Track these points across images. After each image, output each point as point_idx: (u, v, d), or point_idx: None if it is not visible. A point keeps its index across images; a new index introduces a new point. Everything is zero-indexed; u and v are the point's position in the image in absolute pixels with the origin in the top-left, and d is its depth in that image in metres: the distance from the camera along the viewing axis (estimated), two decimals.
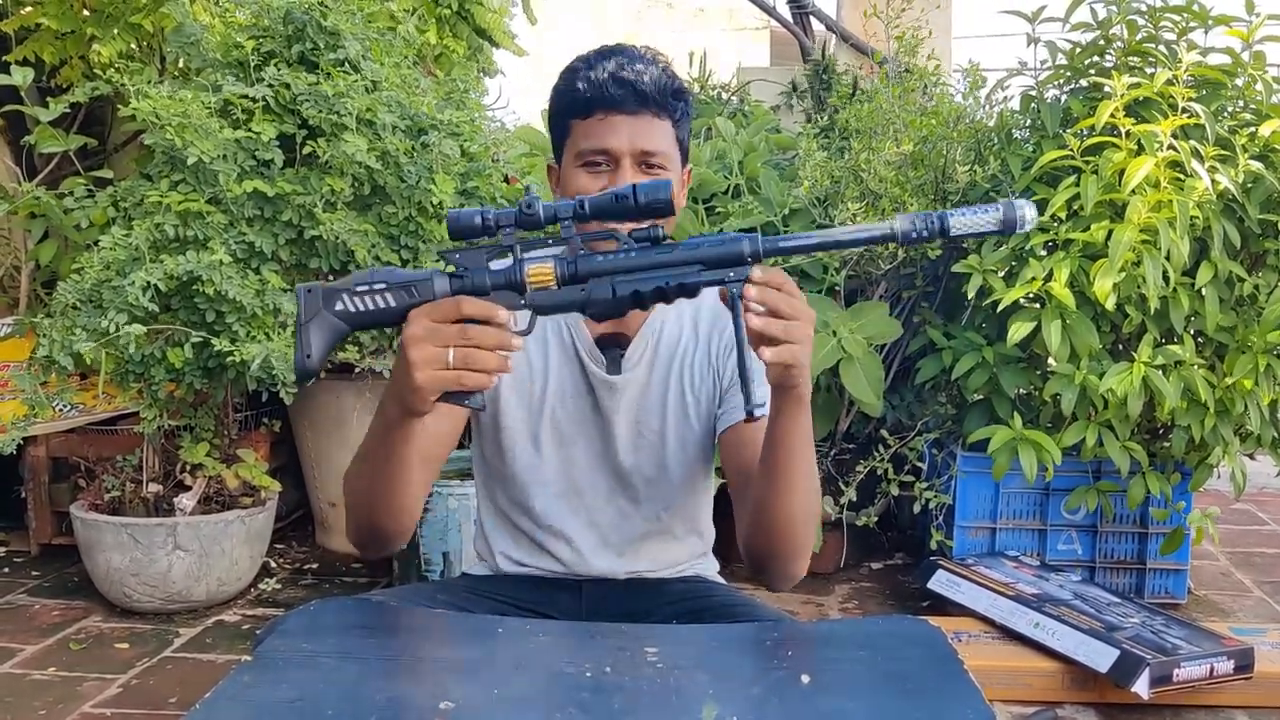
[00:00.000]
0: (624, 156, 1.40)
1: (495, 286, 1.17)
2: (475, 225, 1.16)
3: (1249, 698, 2.56)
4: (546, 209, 1.16)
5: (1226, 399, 2.87)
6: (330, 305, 1.16)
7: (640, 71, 1.40)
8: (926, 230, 1.14)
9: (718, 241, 1.16)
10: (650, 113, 1.41)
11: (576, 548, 1.55)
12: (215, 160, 2.78)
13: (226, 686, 1.03)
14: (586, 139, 1.41)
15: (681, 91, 1.44)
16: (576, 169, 1.42)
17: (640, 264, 1.17)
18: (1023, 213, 1.14)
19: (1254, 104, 2.97)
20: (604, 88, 1.39)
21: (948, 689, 1.08)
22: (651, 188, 1.16)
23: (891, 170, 3.13)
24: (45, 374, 2.83)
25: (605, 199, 1.17)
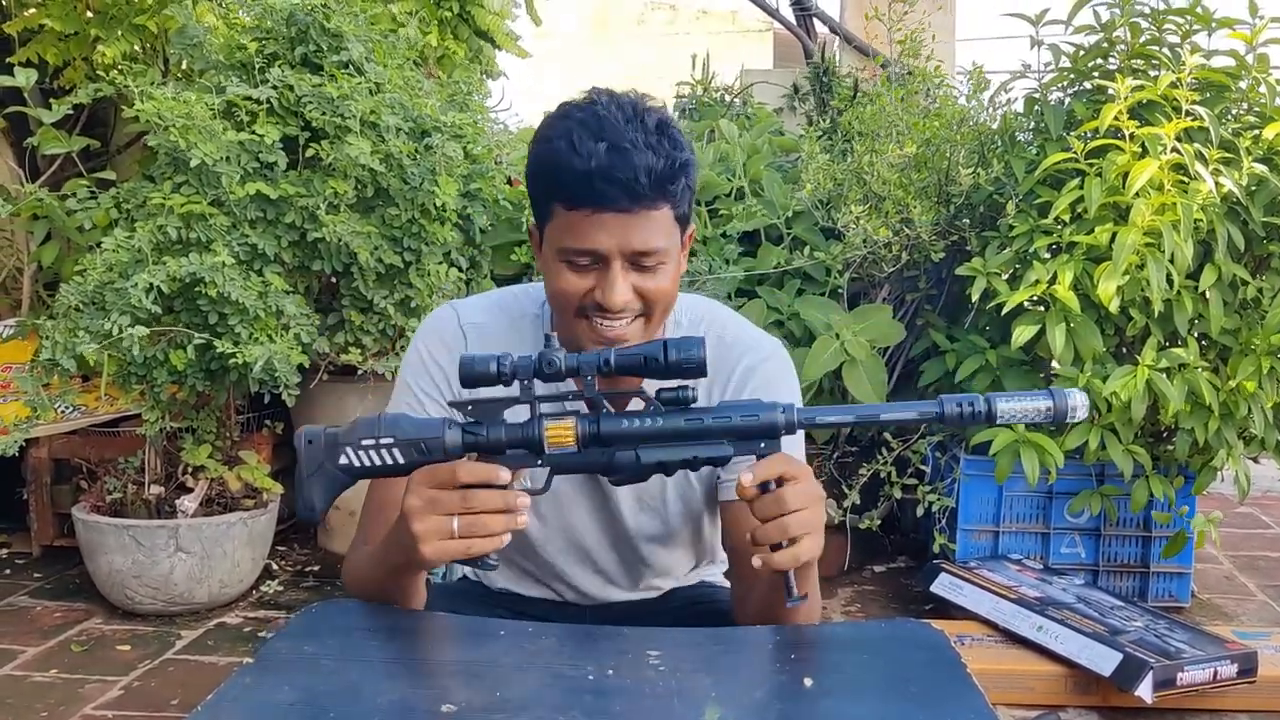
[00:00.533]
0: (614, 258, 1.23)
1: (511, 443, 1.11)
2: (489, 373, 1.08)
3: (1252, 702, 2.55)
4: (568, 362, 1.09)
5: (1230, 402, 2.86)
6: (334, 459, 1.11)
7: (634, 161, 1.18)
8: (973, 413, 1.09)
9: (750, 411, 1.11)
10: (645, 208, 1.21)
11: (583, 591, 1.53)
12: (218, 162, 2.78)
13: (228, 688, 1.03)
14: (571, 235, 1.23)
15: (683, 169, 1.24)
16: (559, 263, 1.25)
17: (667, 431, 1.11)
18: (1073, 401, 1.08)
19: (1258, 107, 2.96)
20: (590, 183, 1.19)
21: (951, 692, 1.08)
22: (683, 345, 1.09)
23: (895, 173, 3.13)
24: (47, 376, 2.83)
25: (634, 359, 1.10)
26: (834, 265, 3.15)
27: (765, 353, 1.42)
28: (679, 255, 1.30)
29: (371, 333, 3.14)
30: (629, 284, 1.24)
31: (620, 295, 1.23)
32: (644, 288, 1.25)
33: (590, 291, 1.25)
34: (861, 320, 3.07)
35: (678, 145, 1.24)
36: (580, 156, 1.19)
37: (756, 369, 1.39)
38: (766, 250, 3.30)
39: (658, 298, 1.27)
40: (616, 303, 1.23)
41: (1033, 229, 2.93)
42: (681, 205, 1.26)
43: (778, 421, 1.11)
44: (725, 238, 3.34)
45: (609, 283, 1.23)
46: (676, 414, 1.11)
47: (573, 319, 1.28)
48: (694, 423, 1.11)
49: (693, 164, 1.27)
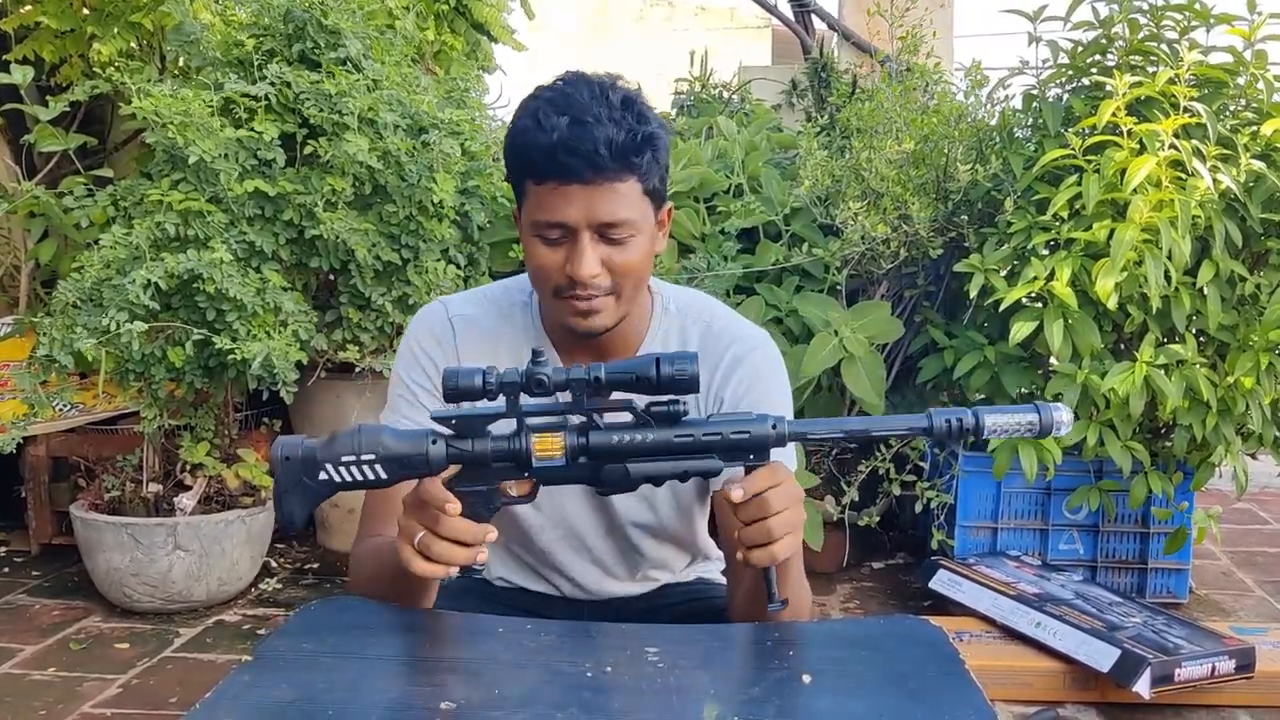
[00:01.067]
0: (581, 230, 1.25)
1: (497, 456, 1.10)
2: (475, 387, 1.07)
3: (1250, 697, 2.55)
4: (556, 377, 1.08)
5: (1228, 398, 2.86)
6: (312, 475, 1.09)
7: (594, 133, 1.21)
8: (961, 427, 1.10)
9: (741, 426, 1.10)
10: (608, 179, 1.23)
11: (579, 583, 1.53)
12: (216, 159, 2.78)
13: (227, 686, 1.03)
14: (540, 209, 1.26)
15: (647, 141, 1.25)
16: (533, 239, 1.29)
17: (657, 446, 1.10)
18: (1058, 416, 1.10)
19: (1256, 103, 2.96)
20: (553, 155, 1.22)
21: (949, 689, 1.08)
22: (676, 360, 1.08)
23: (893, 169, 3.13)
24: (45, 373, 2.82)
25: (624, 376, 1.09)
26: (832, 262, 3.15)
27: (753, 343, 1.43)
28: (653, 232, 1.32)
29: (369, 330, 3.14)
30: (598, 256, 1.27)
31: (589, 266, 1.26)
32: (613, 261, 1.28)
33: (563, 267, 1.27)
34: (860, 317, 3.07)
35: (642, 119, 1.26)
36: (544, 131, 1.22)
37: (744, 359, 1.41)
38: (765, 247, 3.30)
39: (627, 271, 1.29)
40: (585, 273, 1.26)
41: (1031, 225, 2.93)
42: (650, 179, 1.28)
43: (768, 436, 1.11)
44: (724, 235, 3.34)
45: (578, 254, 1.26)
46: (667, 428, 1.10)
47: (550, 296, 1.31)
48: (684, 438, 1.10)
49: (659, 139, 1.28)
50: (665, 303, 1.44)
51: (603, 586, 1.53)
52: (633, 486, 1.12)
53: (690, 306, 1.46)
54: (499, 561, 1.57)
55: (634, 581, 1.55)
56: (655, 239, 1.34)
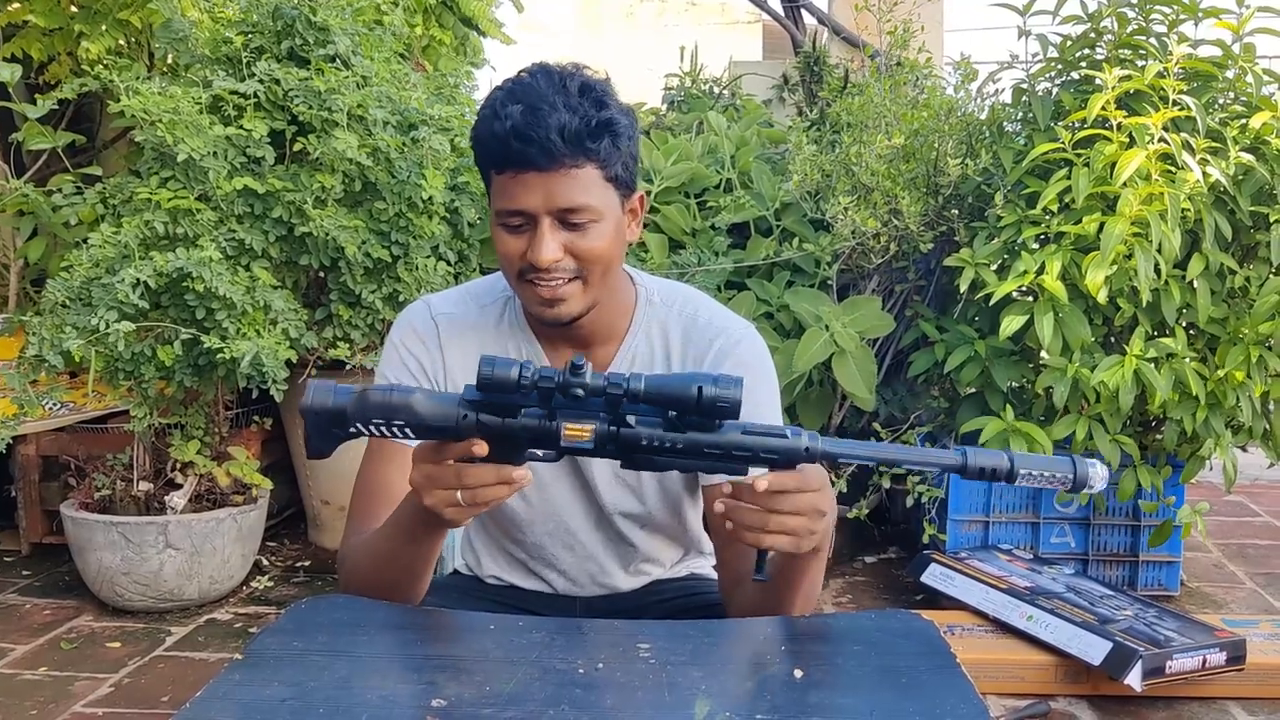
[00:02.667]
0: (541, 216, 1.26)
1: (525, 433, 1.09)
2: (510, 380, 1.05)
3: (1241, 689, 2.57)
4: (594, 382, 1.06)
5: (1218, 391, 2.87)
6: (341, 426, 1.11)
7: (547, 120, 1.22)
8: (993, 471, 1.08)
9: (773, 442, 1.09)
10: (564, 166, 1.24)
11: (572, 577, 1.53)
12: (205, 157, 2.77)
13: (217, 685, 1.03)
14: (501, 197, 1.28)
15: (604, 126, 1.25)
16: (497, 227, 1.30)
17: (687, 450, 1.09)
18: (1093, 472, 1.08)
19: (1245, 96, 2.97)
20: (508, 143, 1.23)
21: (940, 683, 1.08)
22: (721, 383, 1.05)
23: (883, 164, 3.13)
24: (35, 372, 2.81)
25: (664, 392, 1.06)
26: (823, 257, 3.15)
27: (738, 335, 1.43)
28: (619, 219, 1.32)
29: (360, 327, 3.14)
30: (559, 242, 1.27)
31: (548, 252, 1.26)
32: (576, 247, 1.28)
33: (525, 253, 1.28)
34: (851, 311, 3.07)
35: (600, 106, 1.26)
36: (500, 120, 1.23)
37: (730, 352, 1.41)
38: (756, 242, 3.30)
39: (591, 258, 1.29)
40: (544, 259, 1.26)
41: (1021, 219, 2.93)
42: (611, 166, 1.28)
43: (799, 451, 1.09)
44: (714, 230, 3.34)
45: (537, 239, 1.26)
46: (698, 434, 1.09)
47: (517, 283, 1.32)
48: (714, 449, 1.09)
49: (619, 125, 1.28)
50: (649, 295, 1.45)
51: (596, 581, 1.53)
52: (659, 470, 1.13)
53: (674, 298, 1.46)
54: (491, 560, 1.57)
55: (627, 574, 1.54)
56: (624, 227, 1.34)
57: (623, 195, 1.32)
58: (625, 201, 1.33)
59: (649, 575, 1.57)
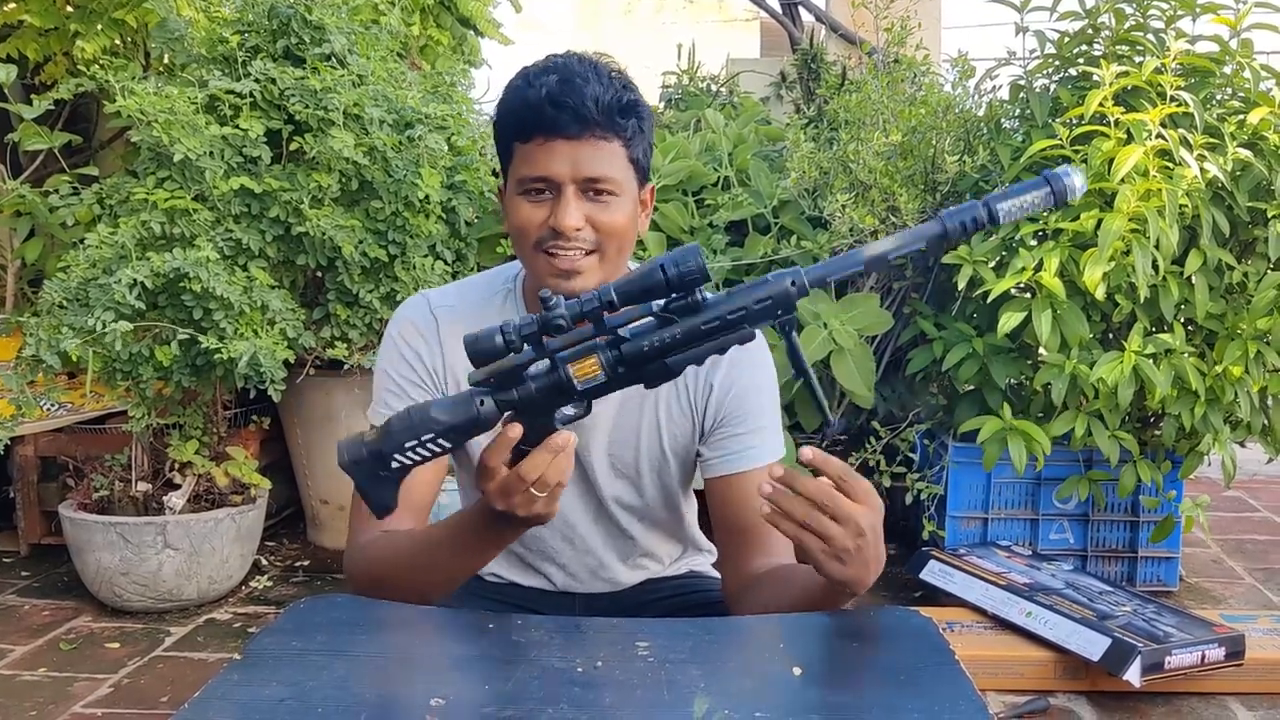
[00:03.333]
0: (566, 184, 1.27)
1: (541, 394, 1.10)
2: (497, 346, 1.07)
3: (1240, 684, 2.57)
4: (570, 308, 1.07)
5: (1217, 387, 2.87)
6: (385, 467, 1.12)
7: (581, 89, 1.25)
8: (975, 221, 1.06)
9: (759, 291, 1.07)
10: (594, 135, 1.27)
11: (571, 572, 1.53)
12: (202, 157, 2.77)
13: (215, 685, 1.03)
14: (526, 165, 1.29)
15: (632, 107, 1.30)
16: (517, 197, 1.31)
17: (688, 337, 1.09)
18: (1069, 182, 1.04)
19: (1243, 91, 2.97)
20: (542, 109, 1.25)
21: (939, 679, 1.08)
22: (680, 259, 1.05)
23: (880, 161, 3.13)
24: (32, 373, 2.81)
25: (633, 287, 1.07)
26: (821, 254, 3.15)
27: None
28: (636, 200, 1.34)
29: (358, 326, 3.13)
30: (581, 211, 1.28)
31: (572, 217, 1.27)
32: (597, 219, 1.29)
33: (545, 222, 1.28)
34: (849, 309, 3.07)
35: (628, 88, 1.30)
36: (533, 89, 1.26)
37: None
38: (754, 240, 3.30)
39: (610, 232, 1.30)
40: (569, 223, 1.27)
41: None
42: (634, 148, 1.31)
43: (789, 292, 1.07)
44: (712, 228, 3.33)
45: (561, 205, 1.27)
46: (691, 317, 1.08)
47: (531, 253, 1.31)
48: (710, 323, 1.08)
49: (645, 111, 1.32)
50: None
51: (596, 575, 1.53)
52: (677, 373, 1.12)
53: None
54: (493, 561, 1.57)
55: (626, 568, 1.55)
56: (639, 214, 1.36)
57: (639, 181, 1.34)
58: (640, 188, 1.35)
59: (647, 570, 1.57)
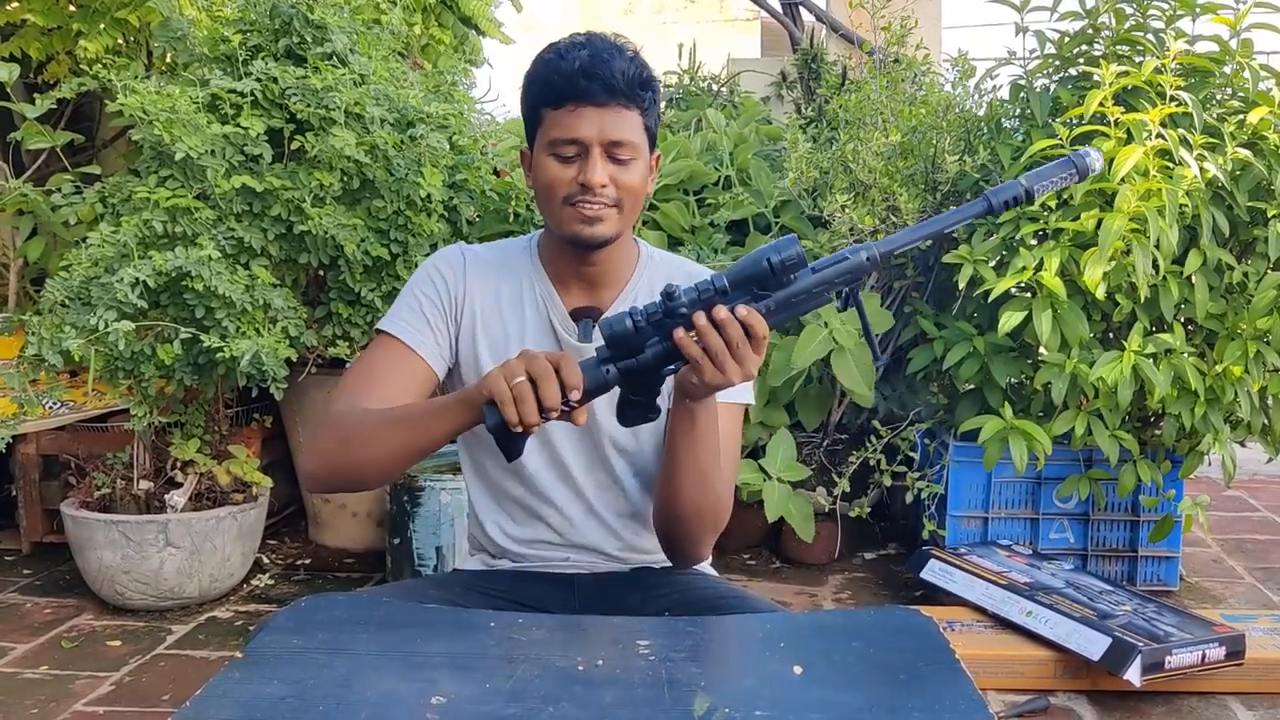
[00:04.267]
0: (593, 145, 1.44)
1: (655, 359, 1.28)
2: (628, 329, 1.25)
3: (1241, 684, 2.57)
4: (688, 295, 1.25)
5: (1217, 386, 2.87)
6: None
7: (610, 63, 1.43)
8: (1015, 199, 1.27)
9: (839, 262, 1.25)
10: (618, 104, 1.45)
11: (567, 515, 1.59)
12: (204, 156, 2.77)
13: (216, 684, 1.03)
14: (557, 128, 1.45)
15: (649, 81, 1.48)
16: (547, 157, 1.47)
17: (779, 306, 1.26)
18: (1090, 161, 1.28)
19: (1242, 91, 2.97)
20: (575, 79, 1.43)
21: (940, 679, 1.08)
22: (781, 248, 1.23)
23: (880, 161, 3.13)
24: (34, 371, 2.81)
25: (744, 274, 1.25)
26: (822, 253, 3.15)
27: None
28: (648, 166, 1.53)
29: (360, 325, 3.14)
30: (606, 171, 1.45)
31: (600, 175, 1.44)
32: (619, 178, 1.47)
33: (574, 179, 1.45)
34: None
35: (645, 65, 1.49)
36: (566, 61, 1.44)
37: None
38: (754, 239, 3.30)
39: (629, 189, 1.48)
40: (597, 180, 1.44)
41: (1019, 216, 2.93)
42: (649, 117, 1.50)
43: (864, 264, 1.25)
44: (713, 227, 3.34)
45: (590, 164, 1.45)
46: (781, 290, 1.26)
47: (559, 207, 1.48)
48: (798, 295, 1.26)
49: (659, 88, 1.52)
50: (649, 253, 1.64)
51: (587, 527, 1.59)
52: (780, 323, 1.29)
53: (669, 258, 1.67)
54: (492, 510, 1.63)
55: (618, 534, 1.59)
56: (649, 175, 1.54)
57: (650, 147, 1.52)
58: (650, 154, 1.53)
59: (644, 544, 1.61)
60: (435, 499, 3.01)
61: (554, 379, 1.22)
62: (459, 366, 1.58)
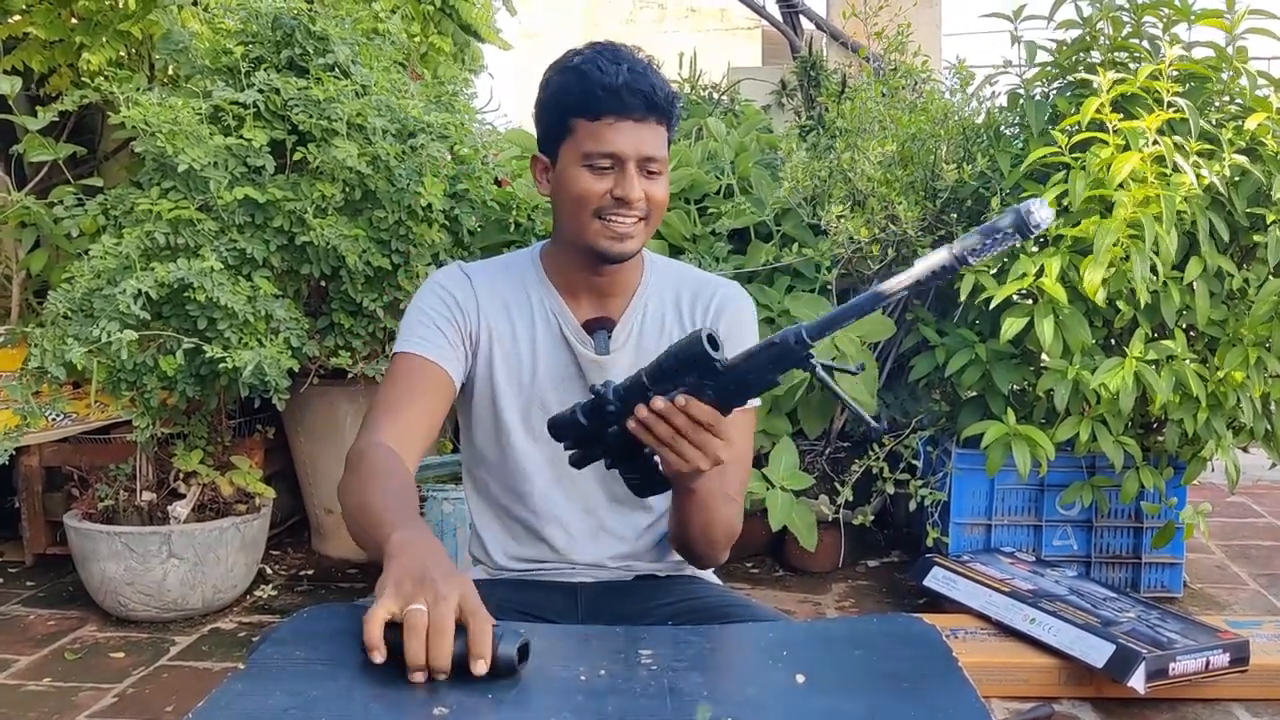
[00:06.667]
0: (629, 161, 1.45)
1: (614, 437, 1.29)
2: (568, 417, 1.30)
3: (1245, 690, 2.56)
4: (615, 390, 1.27)
5: (1219, 392, 2.87)
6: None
7: (651, 79, 1.45)
8: (942, 268, 1.08)
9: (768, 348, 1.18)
10: (654, 120, 1.46)
11: (572, 534, 1.58)
12: (206, 167, 2.78)
13: (219, 696, 1.03)
14: (594, 141, 1.45)
15: (676, 99, 1.50)
16: (579, 168, 1.46)
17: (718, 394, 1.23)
18: (1031, 212, 1.03)
19: (1239, 97, 2.98)
20: (619, 94, 1.43)
21: (943, 687, 1.08)
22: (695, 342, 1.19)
23: (878, 170, 3.13)
24: (37, 384, 2.82)
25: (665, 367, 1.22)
26: (822, 262, 3.16)
27: (732, 290, 1.63)
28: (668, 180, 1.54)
29: (361, 335, 3.14)
30: (640, 186, 1.46)
31: (637, 190, 1.45)
32: (650, 192, 1.48)
33: (607, 193, 1.45)
34: None
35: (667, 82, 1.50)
36: (607, 75, 1.43)
37: (731, 300, 1.61)
38: (756, 248, 3.31)
39: (658, 203, 1.50)
40: (635, 195, 1.45)
41: None
42: (672, 131, 1.52)
43: (793, 349, 1.16)
44: (714, 235, 3.34)
45: (628, 179, 1.45)
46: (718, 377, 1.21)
47: (588, 220, 1.48)
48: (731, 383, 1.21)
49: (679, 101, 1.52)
50: (652, 259, 1.65)
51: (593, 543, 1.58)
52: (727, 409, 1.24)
53: (671, 264, 1.68)
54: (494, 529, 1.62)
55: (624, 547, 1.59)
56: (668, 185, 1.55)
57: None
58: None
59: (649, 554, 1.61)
60: (437, 509, 3.02)
61: (447, 636, 1.03)
62: (471, 383, 1.57)
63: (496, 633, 1.06)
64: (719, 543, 1.49)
